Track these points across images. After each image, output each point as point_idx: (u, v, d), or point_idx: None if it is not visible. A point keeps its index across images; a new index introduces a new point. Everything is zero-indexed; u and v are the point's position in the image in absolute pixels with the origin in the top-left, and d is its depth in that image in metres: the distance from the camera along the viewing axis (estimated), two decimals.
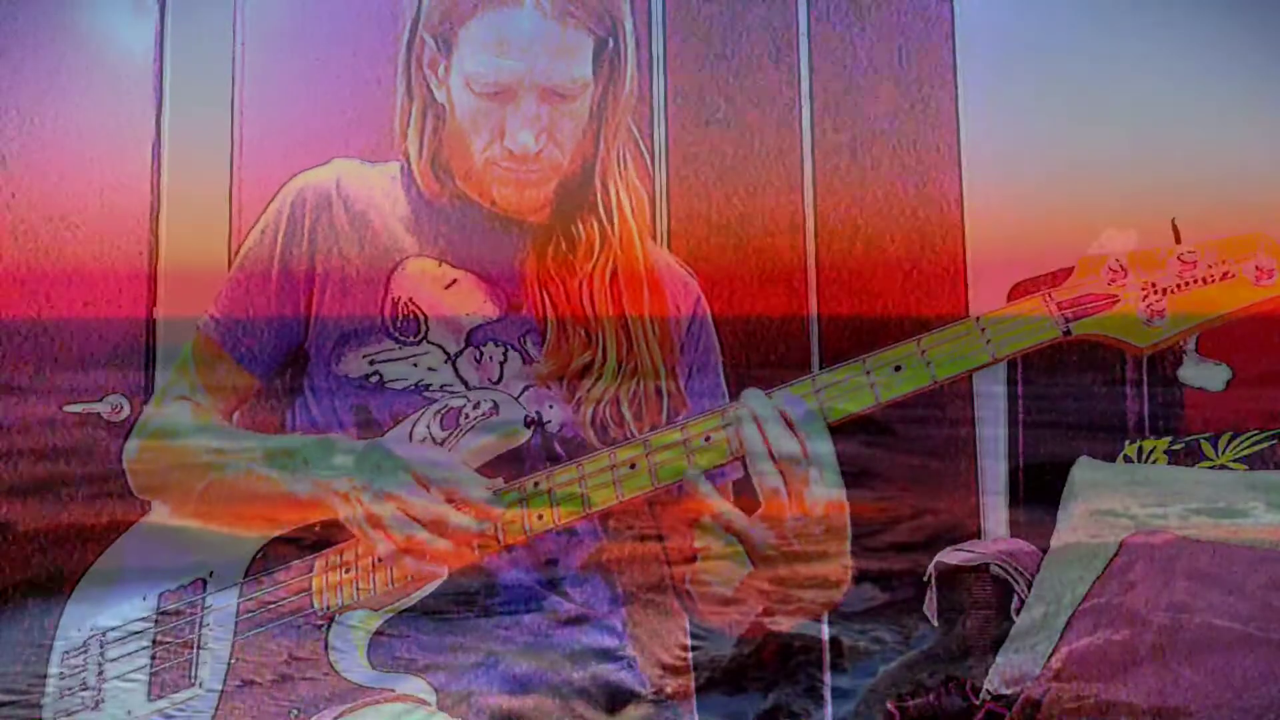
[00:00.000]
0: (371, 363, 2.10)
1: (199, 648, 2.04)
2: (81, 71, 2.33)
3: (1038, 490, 2.34)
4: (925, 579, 2.25)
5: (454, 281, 2.13)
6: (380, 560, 2.00)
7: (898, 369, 1.95)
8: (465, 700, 2.05)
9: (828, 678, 2.23)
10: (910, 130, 2.42)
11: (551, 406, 2.09)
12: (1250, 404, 2.33)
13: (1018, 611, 2.19)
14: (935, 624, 2.24)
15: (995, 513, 2.36)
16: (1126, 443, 2.36)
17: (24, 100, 2.30)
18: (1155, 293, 1.91)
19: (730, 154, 2.39)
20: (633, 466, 1.99)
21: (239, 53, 2.35)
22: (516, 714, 2.06)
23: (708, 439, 1.97)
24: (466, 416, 2.04)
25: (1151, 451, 2.33)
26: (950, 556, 2.26)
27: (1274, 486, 2.18)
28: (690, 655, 2.17)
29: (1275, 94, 2.37)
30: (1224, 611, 2.02)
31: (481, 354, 2.10)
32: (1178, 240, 1.95)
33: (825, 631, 2.23)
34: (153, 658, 2.05)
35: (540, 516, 2.00)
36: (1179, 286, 1.91)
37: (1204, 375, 2.35)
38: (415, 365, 2.10)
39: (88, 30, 2.36)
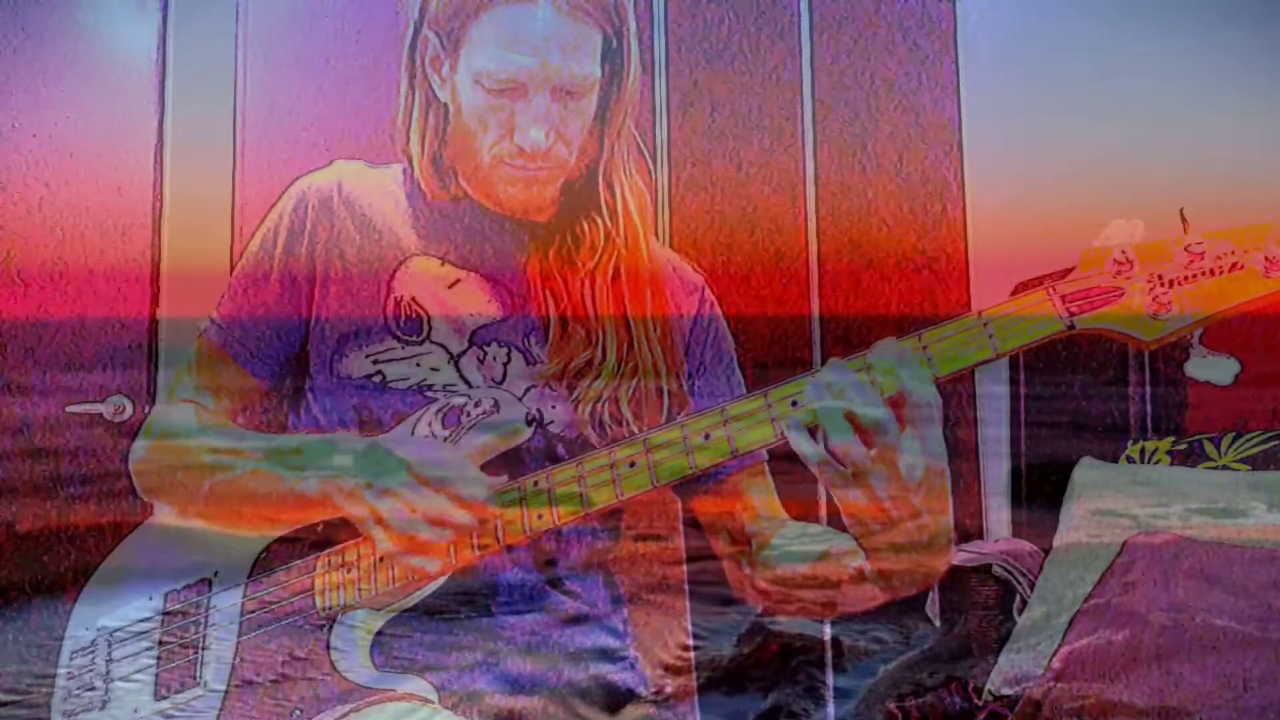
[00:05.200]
0: (374, 363, 2.10)
1: (203, 648, 2.04)
2: (84, 72, 2.34)
3: (1039, 490, 2.33)
4: None
5: (457, 281, 2.13)
6: (382, 560, 2.00)
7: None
8: (467, 700, 2.05)
9: (828, 678, 2.23)
10: (912, 128, 2.42)
11: (554, 406, 2.09)
12: (1254, 404, 2.32)
13: (1020, 612, 2.18)
14: (937, 624, 2.24)
15: (997, 513, 2.36)
16: (1129, 443, 2.35)
17: (26, 100, 2.31)
18: (1161, 285, 1.85)
19: (731, 153, 2.39)
20: (632, 465, 1.98)
21: (241, 53, 2.35)
22: (518, 714, 2.06)
23: (707, 437, 1.95)
24: (468, 415, 2.03)
25: (1154, 452, 2.32)
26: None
27: (1275, 487, 2.17)
28: (691, 655, 2.16)
29: (1276, 91, 2.37)
30: (1224, 611, 2.01)
31: (485, 354, 2.10)
32: (1186, 229, 1.89)
33: (826, 631, 2.23)
34: (158, 658, 2.05)
35: (540, 516, 1.99)
36: (1186, 279, 1.84)
37: (1212, 369, 2.33)
38: (418, 365, 2.10)
39: (90, 31, 2.36)
